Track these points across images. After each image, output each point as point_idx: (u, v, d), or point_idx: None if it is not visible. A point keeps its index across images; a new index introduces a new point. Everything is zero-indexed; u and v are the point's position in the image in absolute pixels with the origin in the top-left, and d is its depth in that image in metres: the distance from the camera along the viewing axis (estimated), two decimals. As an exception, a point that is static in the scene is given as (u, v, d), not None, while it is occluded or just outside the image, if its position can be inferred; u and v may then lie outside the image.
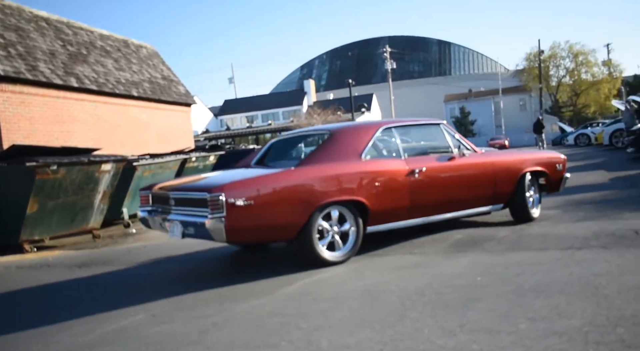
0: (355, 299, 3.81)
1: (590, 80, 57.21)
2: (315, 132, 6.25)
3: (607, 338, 2.70)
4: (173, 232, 4.77)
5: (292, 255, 5.71)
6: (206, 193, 4.41)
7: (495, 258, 4.62)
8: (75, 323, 3.89)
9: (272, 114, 63.45)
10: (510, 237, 5.48)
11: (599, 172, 11.60)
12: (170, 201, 4.98)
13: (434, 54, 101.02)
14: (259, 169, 5.54)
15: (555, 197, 8.14)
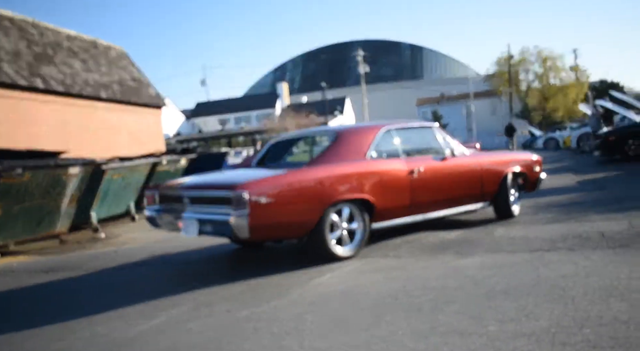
0: (330, 302, 3.83)
1: (559, 85, 58.39)
2: (313, 133, 6.70)
3: (573, 338, 2.77)
4: (187, 230, 4.86)
5: (267, 256, 5.72)
6: (229, 191, 4.57)
7: (467, 261, 4.70)
8: (41, 331, 3.82)
9: (245, 117, 63.14)
10: (482, 240, 5.57)
11: (567, 175, 11.87)
12: (185, 199, 5.08)
13: (406, 58, 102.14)
14: (266, 169, 5.67)
15: (525, 200, 8.29)
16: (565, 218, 6.38)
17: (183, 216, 4.94)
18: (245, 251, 6.30)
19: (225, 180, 5.21)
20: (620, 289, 3.49)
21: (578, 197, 8.21)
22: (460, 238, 5.74)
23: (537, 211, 7.20)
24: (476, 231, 6.10)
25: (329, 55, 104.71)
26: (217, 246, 6.89)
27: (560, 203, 7.75)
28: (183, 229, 4.93)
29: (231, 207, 4.52)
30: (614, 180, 10.00)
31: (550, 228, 5.89)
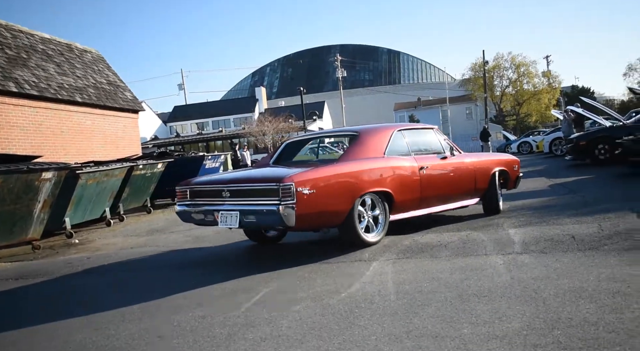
0: (304, 307, 3.81)
1: (532, 90, 59.34)
2: (326, 134, 7.55)
3: (544, 340, 2.80)
4: (226, 222, 5.37)
5: (247, 259, 5.68)
6: (275, 183, 5.08)
7: (442, 264, 4.73)
8: (11, 336, 3.72)
9: (223, 121, 62.82)
10: (456, 243, 5.61)
11: (540, 179, 12.04)
12: (224, 193, 5.52)
13: (384, 63, 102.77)
14: (295, 166, 6.15)
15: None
16: (537, 221, 6.46)
17: (222, 209, 5.43)
18: (220, 256, 6.26)
19: (268, 174, 5.76)
20: (590, 291, 3.55)
21: (550, 200, 8.32)
22: (434, 242, 5.78)
23: (510, 214, 7.28)
24: (449, 235, 6.15)
25: (307, 59, 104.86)
26: (194, 249, 6.82)
27: (533, 206, 7.85)
28: (221, 221, 5.41)
29: (278, 198, 5.03)
30: (585, 184, 10.18)
31: (523, 231, 5.96)
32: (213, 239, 7.64)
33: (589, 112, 16.79)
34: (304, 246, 6.46)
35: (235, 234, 7.78)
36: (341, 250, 5.71)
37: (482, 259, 4.76)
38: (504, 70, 60.77)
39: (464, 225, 6.73)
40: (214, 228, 8.30)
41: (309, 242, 6.70)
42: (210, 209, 5.58)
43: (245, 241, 7.17)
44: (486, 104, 51.10)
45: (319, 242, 6.63)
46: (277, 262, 5.49)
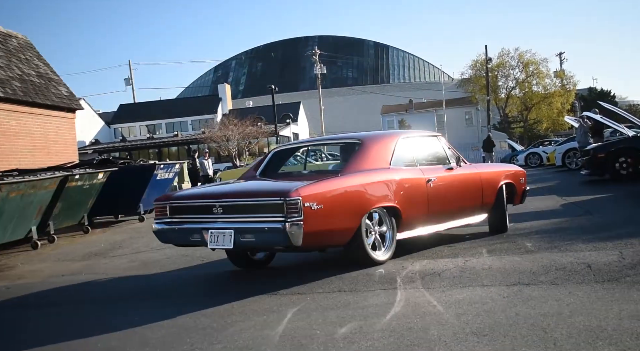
0: (272, 347, 3.75)
1: (542, 93, 60.13)
2: (322, 142, 7.87)
3: (555, 389, 2.79)
4: (217, 242, 5.50)
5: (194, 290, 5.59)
6: (279, 198, 5.26)
7: (435, 296, 4.73)
8: None
9: (180, 123, 62.39)
10: (451, 271, 5.62)
11: (551, 197, 12.18)
12: (215, 209, 5.62)
13: (370, 59, 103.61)
14: (292, 178, 6.63)
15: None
16: (547, 247, 6.51)
17: (212, 227, 5.55)
18: (173, 285, 6.16)
19: (269, 187, 6.12)
20: (609, 331, 3.55)
21: (562, 222, 8.40)
22: (427, 269, 5.78)
23: (516, 237, 7.33)
24: (444, 261, 6.16)
25: (280, 52, 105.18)
26: (141, 276, 6.72)
27: (542, 228, 7.91)
28: (211, 241, 5.55)
29: (283, 214, 5.21)
30: (604, 203, 10.32)
31: (530, 258, 5.99)
32: (165, 264, 7.57)
33: (609, 119, 17.01)
34: (282, 270, 6.41)
35: (193, 257, 7.70)
36: (316, 277, 5.68)
37: (482, 291, 4.77)
38: (509, 69, 61.59)
39: (462, 249, 6.76)
40: (167, 251, 8.21)
41: (287, 266, 6.65)
42: (197, 227, 5.72)
43: (206, 267, 7.12)
44: (489, 109, 51.83)
45: (294, 266, 6.58)
46: (242, 291, 5.43)
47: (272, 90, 41.48)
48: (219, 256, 7.45)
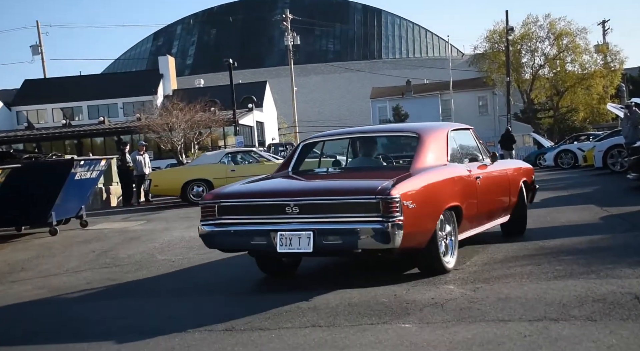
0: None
1: (579, 73, 60.26)
2: (370, 133, 8.87)
3: None
4: (292, 245, 6.20)
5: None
6: (373, 196, 6.03)
7: (436, 334, 4.70)
8: None
9: (107, 106, 61.91)
10: (458, 301, 5.61)
11: (587, 207, 12.22)
12: (289, 208, 6.32)
13: (357, 27, 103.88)
14: (355, 176, 7.74)
15: (524, 241, 8.49)
16: (582, 272, 6.51)
17: (284, 229, 6.27)
18: (100, 319, 6.06)
19: (357, 184, 6.96)
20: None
21: (602, 240, 8.42)
22: (425, 298, 5.77)
23: (541, 259, 7.33)
24: (449, 288, 6.15)
25: (241, 17, 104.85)
26: (52, 302, 6.61)
27: (576, 248, 7.94)
28: (282, 244, 6.25)
29: (379, 214, 5.97)
30: (654, 215, 10.39)
31: (560, 285, 5.99)
32: (83, 291, 7.49)
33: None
34: (236, 294, 6.34)
35: (121, 282, 7.62)
36: (282, 303, 5.65)
37: (497, 328, 4.74)
38: (537, 41, 61.85)
39: (471, 273, 6.77)
40: (86, 275, 8.14)
41: (243, 287, 6.59)
42: (263, 229, 6.43)
43: (135, 292, 7.03)
44: (509, 93, 51.96)
45: (251, 287, 6.52)
46: (188, 325, 5.35)
47: (229, 65, 41.26)
48: (153, 274, 7.36)
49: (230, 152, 22.63)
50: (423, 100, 66.27)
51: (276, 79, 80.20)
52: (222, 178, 19.53)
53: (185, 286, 7.44)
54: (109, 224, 15.01)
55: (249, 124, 51.86)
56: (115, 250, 10.68)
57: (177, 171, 22.78)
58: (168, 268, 8.68)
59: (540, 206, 12.45)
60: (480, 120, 65.75)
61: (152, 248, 10.66)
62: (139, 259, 9.56)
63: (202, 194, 19.48)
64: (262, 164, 20.22)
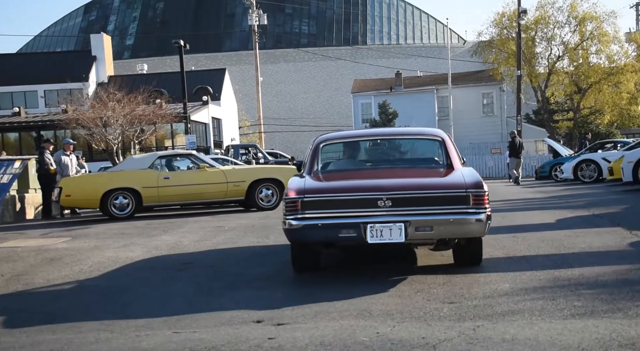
0: None
1: (605, 66, 60.35)
2: (386, 135, 11.97)
3: None
4: (384, 236, 8.17)
5: None
6: (462, 190, 8.32)
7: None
8: None
9: (24, 94, 61.40)
10: (454, 341, 5.62)
11: (613, 230, 12.27)
12: (382, 202, 8.29)
13: (337, 5, 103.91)
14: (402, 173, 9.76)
15: (535, 270, 8.55)
16: (605, 309, 6.53)
17: (376, 221, 8.20)
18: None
19: (446, 180, 9.10)
20: None
21: (630, 271, 8.45)
22: (414, 338, 5.74)
23: (555, 292, 7.36)
24: (442, 326, 6.13)
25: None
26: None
27: (598, 280, 7.96)
28: (372, 235, 8.18)
29: (468, 205, 8.23)
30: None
31: (578, 325, 6.00)
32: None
33: None
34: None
35: (33, 313, 7.51)
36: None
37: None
38: (555, 27, 62.07)
39: (470, 307, 6.78)
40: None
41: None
42: (353, 221, 8.29)
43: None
44: (519, 89, 52.06)
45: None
46: None
47: (180, 48, 41.05)
48: (77, 304, 7.26)
49: (163, 155, 21.80)
50: (415, 96, 66.42)
51: (237, 66, 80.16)
52: (153, 187, 19.38)
53: (116, 318, 7.36)
54: (23, 242, 14.82)
55: (203, 121, 51.58)
56: (31, 274, 10.52)
57: (95, 177, 21.99)
58: (97, 296, 8.58)
59: (556, 228, 12.52)
60: (484, 121, 66.18)
61: (78, 271, 10.55)
62: (60, 286, 9.44)
63: (127, 207, 19.18)
64: (203, 171, 19.98)
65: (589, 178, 29.92)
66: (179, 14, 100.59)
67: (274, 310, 7.28)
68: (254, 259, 11.04)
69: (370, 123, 59.66)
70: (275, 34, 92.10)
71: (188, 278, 9.55)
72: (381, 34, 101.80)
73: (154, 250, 12.55)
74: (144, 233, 15.42)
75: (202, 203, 20.96)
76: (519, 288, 7.65)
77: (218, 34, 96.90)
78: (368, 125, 59.66)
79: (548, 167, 35.61)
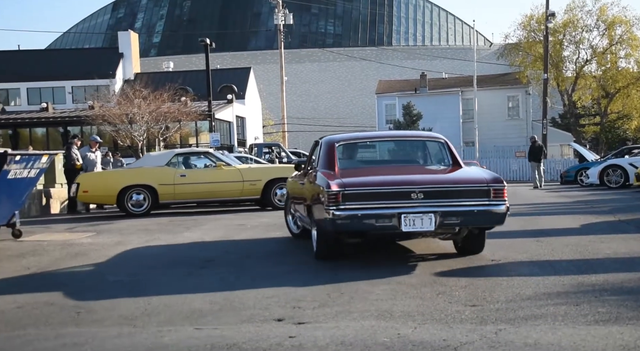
0: None
1: (635, 71, 60.02)
2: (397, 137, 13.81)
3: None
4: (416, 225, 9.25)
5: None
6: (484, 184, 9.53)
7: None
8: None
9: (52, 89, 61.69)
10: (475, 345, 5.60)
11: (639, 237, 12.22)
12: (415, 194, 9.35)
13: (363, 6, 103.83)
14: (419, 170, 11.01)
15: (559, 275, 8.51)
16: (631, 316, 6.49)
17: (411, 211, 9.24)
18: None
19: (470, 175, 10.45)
20: None
21: (656, 277, 8.39)
22: (436, 339, 5.73)
23: (579, 297, 7.32)
24: (464, 329, 6.11)
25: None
26: None
27: (624, 286, 7.91)
28: (406, 224, 9.23)
29: (489, 198, 9.39)
30: None
31: (602, 332, 5.96)
32: (7, 312, 7.42)
33: None
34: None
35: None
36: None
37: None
38: (583, 31, 61.82)
39: (493, 311, 6.75)
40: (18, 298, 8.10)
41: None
42: (389, 212, 9.31)
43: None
44: (545, 92, 51.94)
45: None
46: None
47: (206, 46, 41.07)
48: (101, 298, 7.30)
49: (181, 153, 22.05)
50: (440, 98, 66.34)
51: (262, 65, 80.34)
52: (170, 184, 19.47)
53: (139, 314, 7.40)
54: (48, 236, 14.93)
55: (227, 119, 51.70)
56: (56, 267, 10.62)
57: (113, 174, 22.17)
58: (120, 291, 8.62)
59: (581, 233, 12.47)
60: (509, 124, 66.05)
61: (102, 266, 10.62)
62: (85, 280, 9.51)
63: (144, 203, 19.26)
64: (219, 169, 20.08)
65: (615, 183, 29.72)
66: (205, 12, 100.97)
67: (295, 308, 7.27)
68: (276, 257, 11.12)
69: (394, 124, 59.69)
70: (300, 33, 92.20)
71: (211, 274, 9.57)
72: (407, 35, 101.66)
73: (177, 246, 12.63)
74: (166, 229, 15.50)
75: (218, 201, 21.07)
76: (542, 292, 7.59)
77: (244, 33, 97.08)
78: (392, 126, 59.73)
79: (573, 172, 35.44)
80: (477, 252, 10.38)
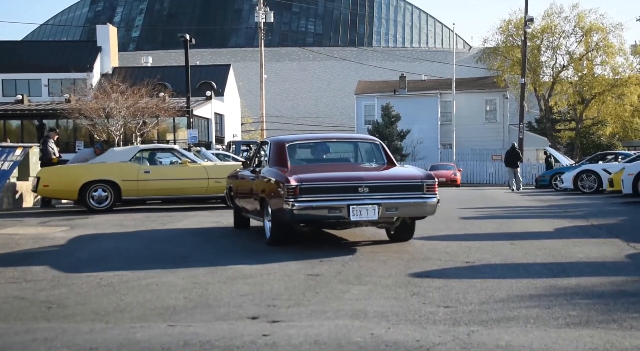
0: None
1: (610, 78, 60.36)
2: (335, 139, 14.55)
3: None
4: (362, 215, 10.65)
5: None
6: (419, 180, 11.09)
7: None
8: None
9: (28, 81, 61.24)
10: (448, 346, 5.62)
11: (611, 241, 12.23)
12: (362, 189, 10.78)
13: (344, 5, 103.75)
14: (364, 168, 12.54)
15: (532, 278, 8.53)
16: (600, 320, 6.53)
17: (357, 203, 10.65)
18: None
19: (405, 172, 12.40)
20: None
21: (627, 283, 8.44)
22: (409, 340, 5.73)
23: (551, 301, 7.35)
24: (434, 329, 6.11)
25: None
26: None
27: (595, 290, 7.96)
28: (354, 214, 10.61)
29: (422, 192, 10.96)
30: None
31: (573, 334, 5.99)
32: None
33: None
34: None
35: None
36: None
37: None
38: (560, 37, 62.20)
39: (465, 312, 6.75)
40: None
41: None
42: (340, 204, 10.63)
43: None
44: (523, 97, 52.15)
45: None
46: None
47: (185, 42, 41.01)
48: (74, 292, 7.24)
49: (145, 148, 21.83)
50: (419, 100, 66.38)
51: (242, 63, 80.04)
52: (133, 180, 19.28)
53: (111, 309, 7.36)
54: (21, 229, 14.85)
55: (205, 116, 51.48)
56: (27, 261, 10.55)
57: (74, 168, 21.02)
58: (93, 286, 8.57)
59: (554, 237, 12.52)
60: (487, 128, 66.32)
61: (75, 260, 10.59)
62: (57, 274, 9.45)
63: (106, 200, 18.98)
64: (184, 166, 19.99)
65: (589, 188, 29.89)
66: (185, 8, 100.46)
67: (269, 306, 7.27)
68: (251, 254, 11.05)
69: (373, 125, 59.60)
70: (281, 32, 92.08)
71: (185, 271, 9.55)
72: (387, 37, 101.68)
73: (153, 242, 12.59)
74: (142, 225, 15.44)
75: (183, 198, 20.87)
76: (515, 295, 7.63)
77: (224, 29, 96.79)
78: (370, 127, 59.65)
79: (548, 176, 35.60)
80: (407, 239, 11.97)
